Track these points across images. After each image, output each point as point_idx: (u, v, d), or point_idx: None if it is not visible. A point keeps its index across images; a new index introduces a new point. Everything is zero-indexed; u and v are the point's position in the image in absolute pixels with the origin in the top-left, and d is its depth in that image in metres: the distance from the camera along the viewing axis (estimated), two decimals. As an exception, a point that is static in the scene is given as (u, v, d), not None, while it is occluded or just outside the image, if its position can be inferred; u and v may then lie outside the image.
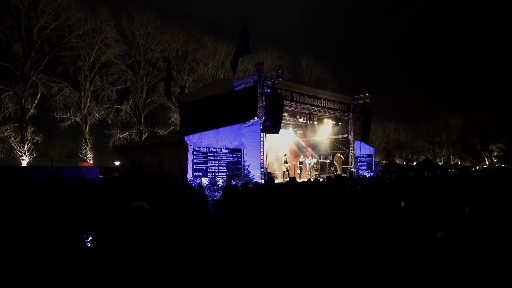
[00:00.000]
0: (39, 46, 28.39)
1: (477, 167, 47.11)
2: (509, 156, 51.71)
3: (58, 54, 29.72)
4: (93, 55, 31.38)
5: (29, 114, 28.42)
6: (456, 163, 51.44)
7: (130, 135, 34.88)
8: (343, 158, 22.16)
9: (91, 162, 30.68)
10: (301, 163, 22.16)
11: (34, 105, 28.79)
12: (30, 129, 28.08)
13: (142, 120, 35.18)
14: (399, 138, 58.24)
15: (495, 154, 53.95)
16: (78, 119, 31.48)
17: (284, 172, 20.39)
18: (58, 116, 30.52)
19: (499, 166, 44.98)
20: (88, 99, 31.65)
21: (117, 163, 27.87)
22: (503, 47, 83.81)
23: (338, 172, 20.88)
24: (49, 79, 29.40)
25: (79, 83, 31.50)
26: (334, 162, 22.29)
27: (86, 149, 31.25)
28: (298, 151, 24.54)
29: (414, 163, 49.24)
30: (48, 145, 38.89)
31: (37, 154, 29.18)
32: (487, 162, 52.95)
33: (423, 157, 52.31)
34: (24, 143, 27.44)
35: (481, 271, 2.45)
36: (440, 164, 46.67)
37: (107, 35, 31.78)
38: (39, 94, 29.00)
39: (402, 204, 5.87)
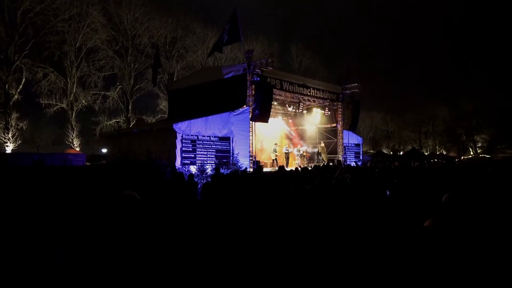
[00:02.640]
0: (23, 29, 27.61)
1: (462, 157, 48.07)
2: (492, 146, 52.94)
3: (43, 38, 28.97)
4: (79, 40, 30.65)
5: (13, 99, 27.74)
6: (442, 153, 52.40)
7: (117, 122, 34.46)
8: (325, 148, 22.46)
9: (77, 149, 30.31)
10: (286, 152, 22.24)
11: (19, 90, 28.11)
12: (14, 115, 27.52)
13: (129, 107, 34.71)
14: (386, 128, 58.88)
15: (479, 145, 55.10)
16: (64, 106, 30.92)
17: (273, 160, 20.52)
18: (43, 102, 29.91)
19: (483, 156, 46.03)
20: (75, 85, 31.05)
21: (104, 150, 27.63)
22: (493, 38, 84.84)
23: (325, 161, 21.12)
24: (34, 64, 28.70)
25: (65, 68, 30.79)
26: (320, 152, 22.55)
27: (72, 136, 30.79)
28: (287, 140, 24.65)
29: (401, 153, 49.98)
30: (33, 131, 38.18)
31: (22, 140, 28.68)
32: (471, 153, 54.07)
33: (409, 147, 53.07)
34: (8, 130, 26.90)
35: (468, 260, 2.53)
36: (426, 154, 47.48)
37: (94, 19, 30.97)
38: (23, 79, 28.30)
39: (388, 192, 5.98)
